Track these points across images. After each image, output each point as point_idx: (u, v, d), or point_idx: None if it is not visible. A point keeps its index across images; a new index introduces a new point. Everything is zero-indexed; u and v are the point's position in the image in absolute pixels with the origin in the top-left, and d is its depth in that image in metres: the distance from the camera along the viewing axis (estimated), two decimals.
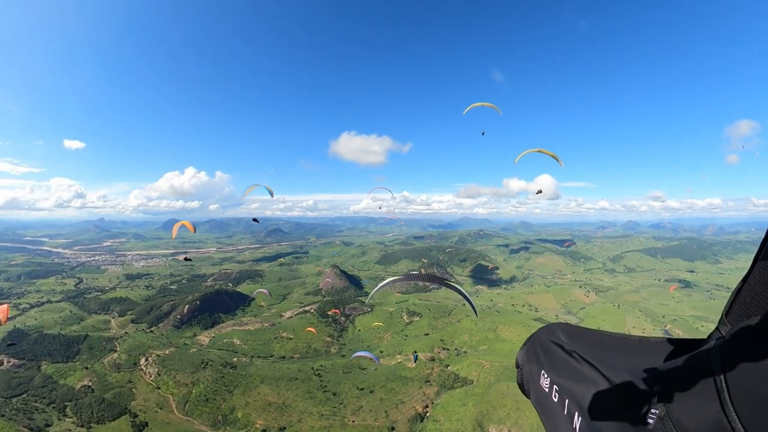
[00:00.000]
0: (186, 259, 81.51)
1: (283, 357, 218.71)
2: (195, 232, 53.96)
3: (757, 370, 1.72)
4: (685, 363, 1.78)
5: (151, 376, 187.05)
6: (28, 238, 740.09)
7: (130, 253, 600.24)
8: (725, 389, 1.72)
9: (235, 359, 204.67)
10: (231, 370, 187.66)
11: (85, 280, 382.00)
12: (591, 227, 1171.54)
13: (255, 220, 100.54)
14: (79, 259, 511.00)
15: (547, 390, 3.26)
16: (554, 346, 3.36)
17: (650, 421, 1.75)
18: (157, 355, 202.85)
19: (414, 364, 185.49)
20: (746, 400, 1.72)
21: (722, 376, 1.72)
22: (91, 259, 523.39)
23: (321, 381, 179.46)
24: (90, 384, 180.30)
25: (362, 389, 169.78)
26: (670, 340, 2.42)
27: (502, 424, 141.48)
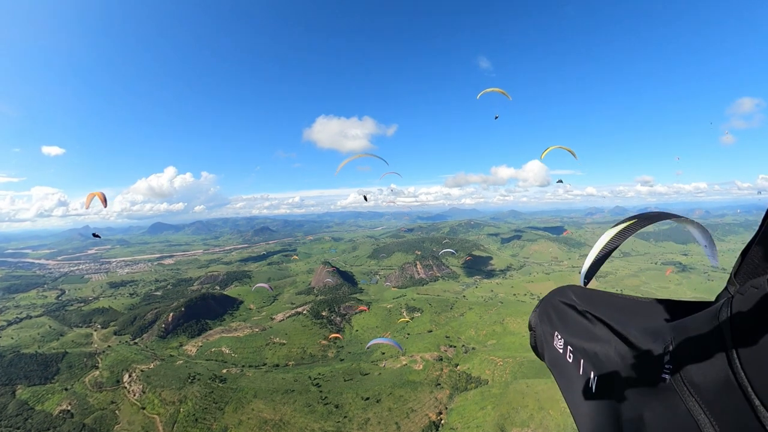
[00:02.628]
0: (95, 235, 66.44)
1: (277, 365, 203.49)
2: (106, 206, 42.85)
3: (764, 328, 1.75)
4: (696, 321, 1.80)
5: (135, 395, 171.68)
6: (9, 251, 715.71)
7: (114, 259, 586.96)
8: (733, 347, 1.74)
9: (224, 371, 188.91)
10: (221, 384, 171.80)
11: (67, 292, 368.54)
12: (579, 214, 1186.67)
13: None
14: (61, 270, 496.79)
15: (561, 351, 3.24)
16: (567, 308, 3.35)
17: (664, 377, 1.79)
18: (141, 370, 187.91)
19: None
20: (753, 357, 1.75)
21: (730, 335, 1.74)
22: (75, 268, 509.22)
23: (320, 392, 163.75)
24: (69, 408, 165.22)
25: (367, 399, 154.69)
26: (681, 302, 2.48)
27: (525, 427, 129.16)
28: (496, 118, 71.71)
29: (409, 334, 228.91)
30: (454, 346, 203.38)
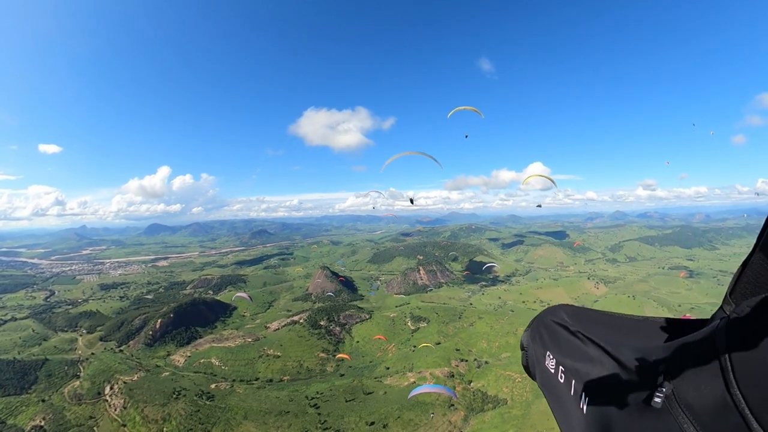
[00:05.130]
0: None
1: (270, 380, 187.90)
2: None
3: (761, 348, 1.73)
4: (691, 342, 1.76)
5: (116, 410, 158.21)
6: (4, 249, 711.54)
7: (108, 260, 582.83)
8: (729, 368, 1.71)
9: (213, 386, 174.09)
10: (208, 402, 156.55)
11: (57, 293, 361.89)
12: (579, 218, 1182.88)
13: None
14: (53, 270, 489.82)
15: (552, 371, 3.25)
16: (558, 327, 3.36)
17: (657, 400, 1.74)
18: (124, 382, 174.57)
19: None
20: (750, 378, 1.72)
21: (726, 355, 1.71)
22: (67, 268, 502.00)
23: (319, 414, 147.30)
24: (43, 423, 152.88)
25: (372, 423, 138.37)
26: (675, 320, 2.47)
27: None
28: (466, 137, 75.17)
29: (415, 346, 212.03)
30: (466, 360, 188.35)
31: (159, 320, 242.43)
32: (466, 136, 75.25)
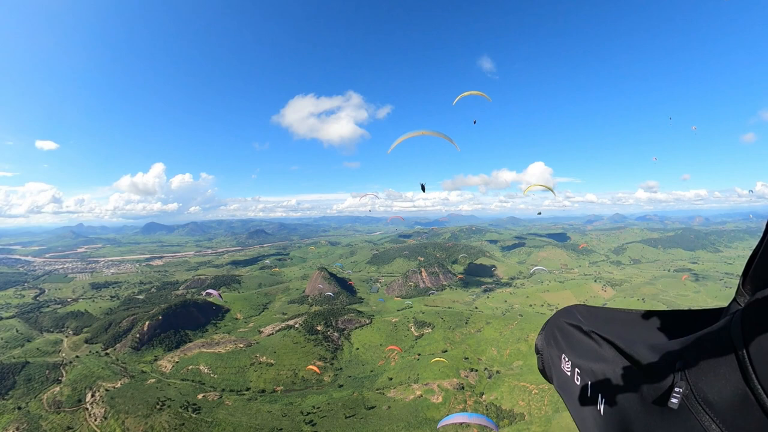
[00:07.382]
0: None
1: (263, 391, 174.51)
2: None
3: None
4: (706, 336, 1.73)
5: (96, 419, 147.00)
6: None
7: (102, 259, 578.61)
8: (748, 361, 1.67)
9: (200, 396, 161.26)
10: (194, 415, 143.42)
11: (47, 291, 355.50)
12: (579, 221, 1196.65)
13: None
14: (46, 268, 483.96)
15: (569, 373, 3.19)
16: (572, 329, 3.32)
17: (674, 399, 1.70)
18: (107, 390, 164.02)
19: None
20: None
21: (744, 348, 1.68)
22: (60, 267, 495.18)
23: None
24: None
25: None
26: (689, 312, 2.44)
27: None
28: (474, 123, 74.24)
29: (420, 354, 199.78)
30: (476, 370, 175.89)
31: (147, 322, 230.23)
32: (474, 122, 73.10)
